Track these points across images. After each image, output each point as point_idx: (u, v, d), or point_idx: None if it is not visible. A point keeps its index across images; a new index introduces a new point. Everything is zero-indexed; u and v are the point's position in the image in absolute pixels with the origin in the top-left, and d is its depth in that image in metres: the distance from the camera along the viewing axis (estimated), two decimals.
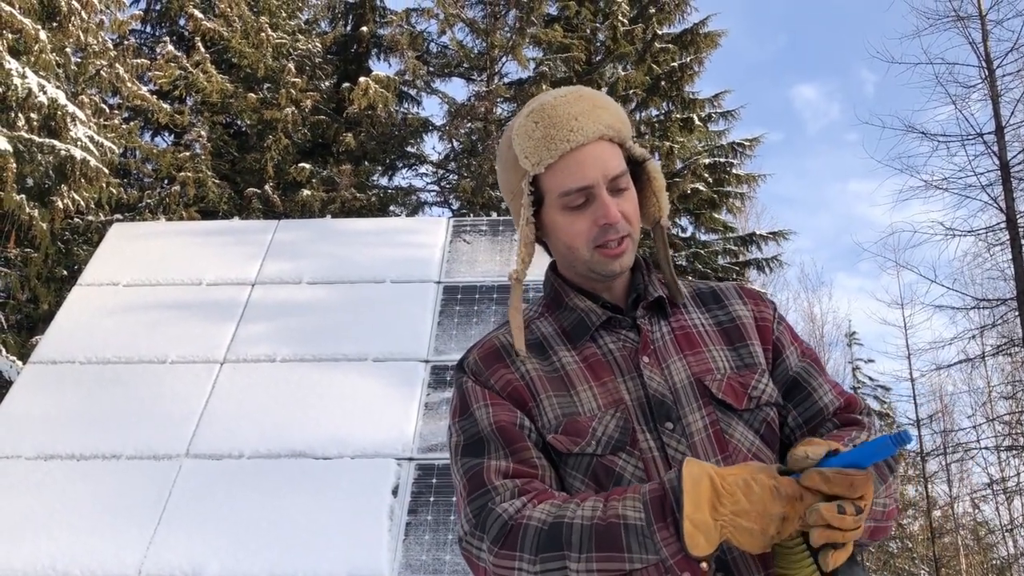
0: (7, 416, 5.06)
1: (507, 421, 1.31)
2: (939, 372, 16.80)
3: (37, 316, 10.41)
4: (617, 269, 1.38)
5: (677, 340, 1.39)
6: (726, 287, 1.51)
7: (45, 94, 8.82)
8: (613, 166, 1.36)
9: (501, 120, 14.02)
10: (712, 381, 1.35)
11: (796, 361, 1.43)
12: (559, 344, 1.40)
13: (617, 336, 1.39)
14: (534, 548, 1.16)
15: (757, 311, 1.47)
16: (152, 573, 4.18)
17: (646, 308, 1.42)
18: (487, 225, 6.83)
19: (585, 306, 1.41)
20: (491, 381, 1.37)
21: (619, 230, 1.35)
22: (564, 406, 1.33)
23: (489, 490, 1.25)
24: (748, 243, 14.65)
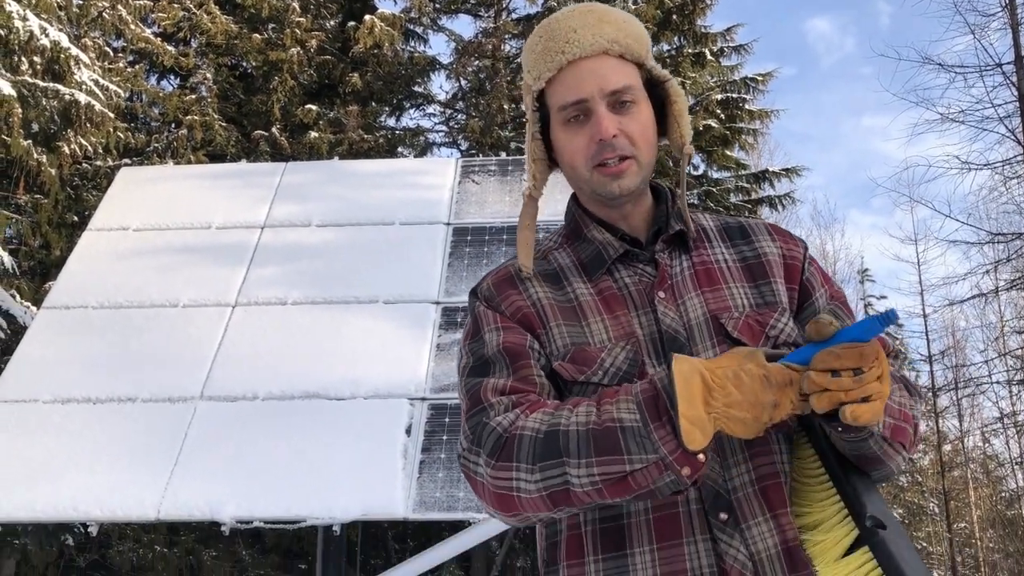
0: (23, 361, 5.10)
1: (515, 343, 1.31)
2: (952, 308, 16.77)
3: (49, 262, 10.46)
4: (616, 191, 1.33)
5: (697, 276, 1.36)
6: (756, 223, 1.46)
7: (47, 37, 8.72)
8: (613, 80, 1.31)
9: (509, 57, 13.81)
10: (728, 319, 1.32)
11: (824, 303, 1.39)
12: (575, 276, 1.38)
13: (634, 270, 1.36)
14: (531, 457, 1.16)
15: (786, 249, 1.42)
16: (171, 514, 4.25)
17: (666, 242, 1.38)
18: (496, 165, 6.77)
19: (603, 238, 1.38)
20: (502, 306, 1.36)
21: (616, 147, 1.31)
22: (573, 335, 1.32)
23: (485, 407, 1.25)
24: (761, 180, 14.52)
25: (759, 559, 1.21)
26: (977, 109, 12.37)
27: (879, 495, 1.18)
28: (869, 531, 1.10)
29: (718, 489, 1.23)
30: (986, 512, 23.19)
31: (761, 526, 1.22)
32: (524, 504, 1.18)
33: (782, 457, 1.27)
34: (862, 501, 1.14)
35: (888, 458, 1.21)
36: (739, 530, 1.22)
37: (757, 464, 1.25)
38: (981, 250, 14.75)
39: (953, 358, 21.35)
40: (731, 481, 1.23)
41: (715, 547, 1.21)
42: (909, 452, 1.26)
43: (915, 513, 22.76)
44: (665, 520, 1.22)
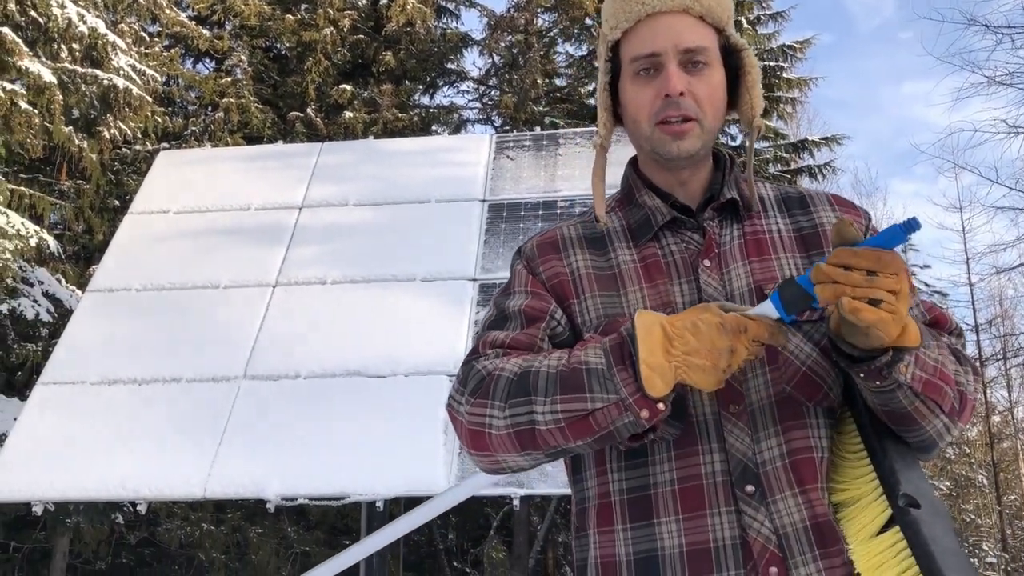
0: (70, 344, 5.20)
1: (537, 308, 1.33)
2: (999, 276, 16.43)
3: (93, 246, 10.64)
4: (675, 151, 1.30)
5: (746, 245, 1.33)
6: (817, 193, 1.42)
7: (85, 23, 8.81)
8: (688, 38, 1.29)
9: (542, 31, 13.70)
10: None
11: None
12: (621, 241, 1.37)
13: (681, 237, 1.34)
14: (504, 395, 1.20)
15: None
16: (217, 491, 4.32)
17: (717, 210, 1.35)
18: (530, 140, 6.73)
19: (653, 204, 1.36)
20: (539, 268, 1.37)
21: (681, 106, 1.28)
22: (608, 306, 1.31)
23: (479, 355, 1.29)
24: (800, 150, 14.30)
25: (784, 533, 1.19)
26: None
27: (919, 472, 1.15)
28: (901, 510, 1.08)
29: (746, 462, 1.22)
30: None
31: (788, 500, 1.20)
32: (493, 442, 1.21)
33: (819, 432, 1.24)
34: (897, 478, 1.11)
35: (922, 417, 1.17)
36: (765, 504, 1.20)
37: (789, 438, 1.22)
38: None
39: (1001, 327, 20.93)
40: (760, 455, 1.22)
41: (739, 519, 1.20)
42: (953, 419, 1.21)
43: (963, 485, 22.47)
44: (690, 491, 1.22)
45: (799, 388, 1.24)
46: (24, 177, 9.72)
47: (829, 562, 1.18)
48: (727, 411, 1.24)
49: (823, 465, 1.23)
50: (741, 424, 1.23)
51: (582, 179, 6.15)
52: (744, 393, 1.24)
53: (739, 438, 1.23)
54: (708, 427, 1.24)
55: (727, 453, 1.22)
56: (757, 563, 1.18)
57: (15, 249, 7.69)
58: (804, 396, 1.25)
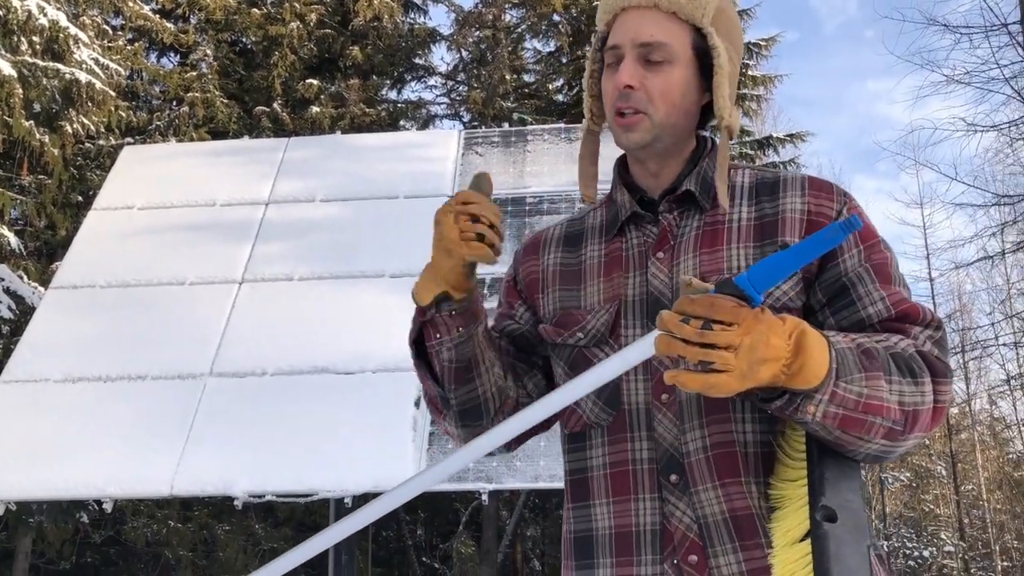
0: (33, 341, 5.14)
1: (500, 314, 1.50)
2: (958, 271, 16.74)
3: (56, 242, 10.49)
4: (625, 142, 1.33)
5: (702, 236, 1.33)
6: (793, 178, 1.37)
7: (45, 16, 8.67)
8: (646, 32, 1.30)
9: (510, 27, 13.70)
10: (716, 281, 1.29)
11: (855, 265, 1.27)
12: (595, 237, 1.43)
13: (643, 231, 1.37)
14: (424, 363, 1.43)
15: (815, 204, 1.31)
16: (184, 489, 4.30)
17: (675, 202, 1.36)
18: (499, 136, 6.74)
19: (621, 199, 1.41)
20: (520, 269, 1.49)
21: (631, 99, 1.29)
22: (566, 300, 1.39)
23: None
24: (765, 146, 14.46)
25: (705, 523, 1.22)
26: (983, 70, 12.24)
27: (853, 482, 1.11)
28: (816, 522, 1.06)
29: (672, 452, 1.25)
30: (993, 474, 23.30)
31: (709, 492, 1.23)
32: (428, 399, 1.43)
33: (745, 427, 1.24)
34: (823, 488, 1.09)
35: (849, 444, 1.12)
36: (688, 493, 1.24)
37: (712, 432, 1.24)
38: (987, 212, 14.72)
39: (960, 321, 21.34)
40: (685, 445, 1.25)
41: (663, 507, 1.24)
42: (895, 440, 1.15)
43: (922, 476, 22.88)
44: (619, 476, 1.28)
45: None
46: None
47: (748, 554, 1.20)
48: (658, 400, 1.27)
49: (749, 460, 1.23)
50: (670, 415, 1.26)
51: (551, 175, 6.18)
52: (674, 385, 1.23)
53: (667, 428, 1.26)
54: (639, 415, 1.28)
55: (655, 442, 1.26)
56: (677, 549, 1.22)
57: None
58: None
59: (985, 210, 13.80)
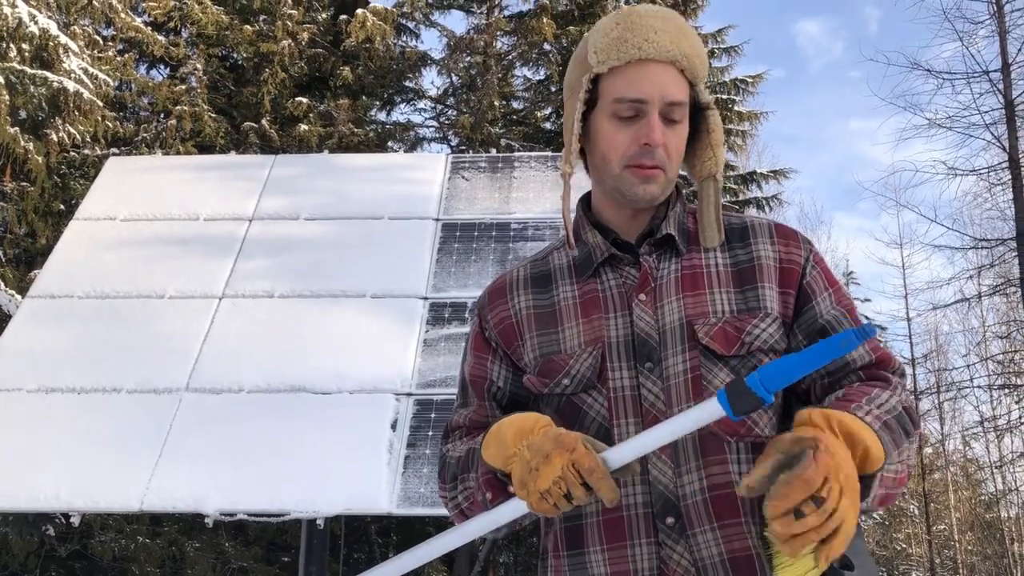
0: (7, 350, 5.08)
1: (477, 376, 1.44)
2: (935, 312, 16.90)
3: (35, 250, 10.40)
4: (641, 194, 1.34)
5: (682, 280, 1.35)
6: (760, 224, 1.43)
7: (36, 24, 8.66)
8: (673, 91, 1.31)
9: (501, 54, 13.80)
10: (703, 325, 1.31)
11: (828, 308, 1.35)
12: (565, 277, 1.42)
13: (620, 273, 1.38)
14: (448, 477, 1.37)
15: (785, 252, 1.38)
16: (154, 505, 4.25)
17: (654, 245, 1.38)
18: (486, 162, 6.77)
19: (594, 241, 1.40)
20: (489, 316, 1.44)
21: (656, 157, 1.32)
22: (545, 345, 1.37)
23: (449, 437, 1.45)
24: (748, 181, 14.58)
25: (702, 566, 1.23)
26: (964, 115, 12.46)
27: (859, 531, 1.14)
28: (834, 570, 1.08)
29: (667, 495, 1.26)
30: (965, 515, 23.37)
31: (707, 534, 1.24)
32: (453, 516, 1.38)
33: (740, 468, 1.26)
34: None
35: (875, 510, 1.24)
36: (684, 536, 1.24)
37: (710, 473, 1.26)
38: (965, 255, 14.87)
39: (936, 362, 21.51)
40: (682, 488, 1.26)
41: (659, 551, 1.24)
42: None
43: (895, 515, 22.92)
44: (614, 522, 1.27)
45: (721, 424, 1.25)
46: None
47: None
48: None
49: (748, 500, 1.25)
50: (664, 457, 1.27)
51: (536, 202, 6.21)
52: None
53: (662, 471, 1.26)
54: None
55: (650, 485, 1.26)
56: None
57: None
58: (726, 431, 1.27)
59: (963, 253, 13.99)
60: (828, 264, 1.44)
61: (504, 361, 1.42)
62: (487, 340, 1.44)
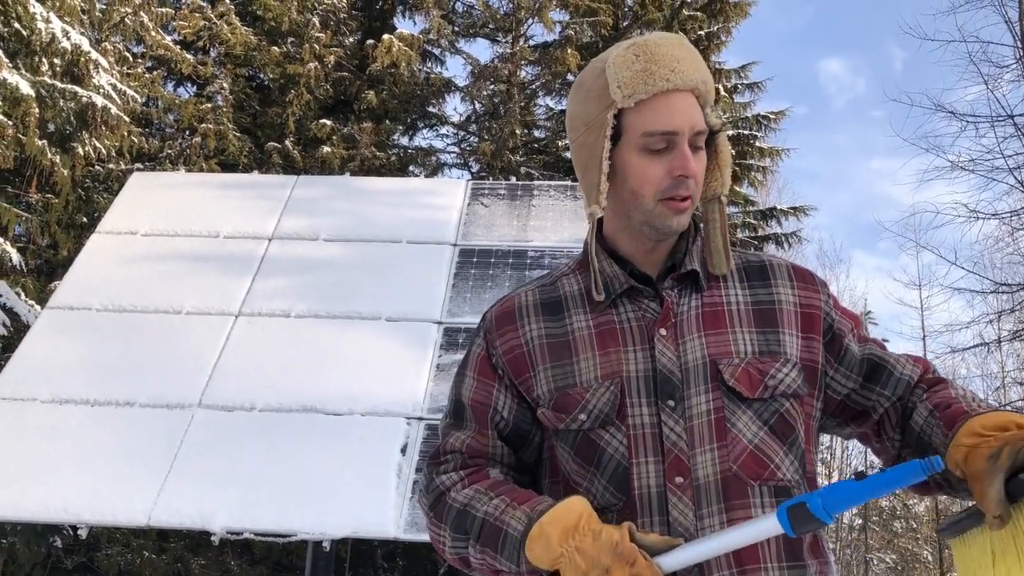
0: (24, 360, 5.11)
1: (479, 402, 1.39)
2: (954, 355, 16.70)
3: (56, 261, 10.49)
4: (674, 226, 1.32)
5: (703, 316, 1.34)
6: (778, 264, 1.42)
7: (69, 40, 8.80)
8: (699, 120, 1.32)
9: (524, 83, 13.89)
10: (727, 365, 1.29)
11: (859, 345, 1.40)
12: (578, 306, 1.38)
13: (639, 305, 1.35)
14: (451, 526, 1.31)
15: (804, 297, 1.38)
16: (162, 521, 4.24)
17: (677, 279, 1.36)
18: (505, 189, 6.80)
19: (611, 271, 1.36)
20: (497, 343, 1.40)
21: (689, 188, 1.31)
22: (559, 378, 1.33)
23: (441, 460, 1.39)
24: (768, 217, 14.55)
25: None
26: (987, 159, 12.39)
27: None
28: None
29: (687, 537, 1.22)
30: None
31: None
32: (446, 555, 1.34)
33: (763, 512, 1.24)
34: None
35: None
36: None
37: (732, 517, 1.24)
38: (985, 299, 14.75)
39: None
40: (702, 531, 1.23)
41: None
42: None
43: (908, 560, 22.58)
44: None
45: (744, 467, 1.25)
46: None
47: None
48: (672, 483, 1.25)
49: (769, 545, 1.23)
50: (686, 499, 1.24)
51: (554, 231, 6.22)
52: (691, 468, 1.25)
53: (683, 512, 1.24)
54: (651, 500, 1.25)
55: (669, 526, 1.23)
56: None
57: None
58: (749, 475, 1.25)
59: (983, 297, 13.84)
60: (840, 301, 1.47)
61: (511, 391, 1.37)
62: (494, 367, 1.39)
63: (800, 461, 1.32)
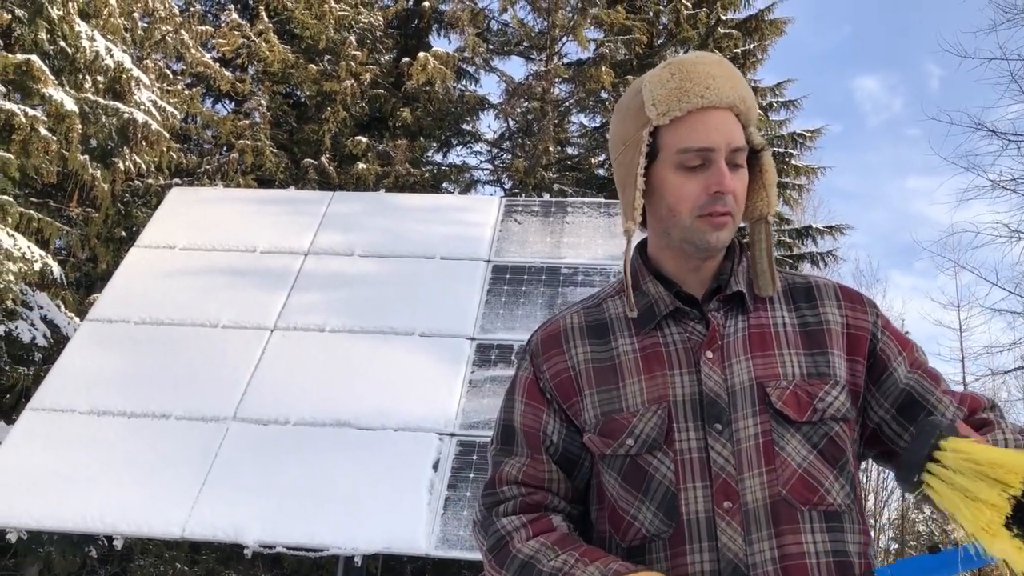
0: (64, 371, 5.19)
1: (530, 428, 1.37)
2: (994, 377, 16.40)
3: (96, 275, 10.66)
4: (714, 241, 1.30)
5: (750, 338, 1.32)
6: (825, 285, 1.40)
7: (112, 57, 8.98)
8: (737, 137, 1.30)
9: (558, 100, 13.93)
10: (775, 388, 1.28)
11: (906, 372, 1.35)
12: (623, 329, 1.36)
13: (684, 327, 1.33)
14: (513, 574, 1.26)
15: (852, 318, 1.36)
16: (195, 533, 4.27)
17: (723, 301, 1.35)
18: (539, 206, 6.80)
19: (656, 292, 1.35)
20: (544, 367, 1.38)
21: (727, 204, 1.29)
22: (606, 403, 1.32)
23: (497, 493, 1.35)
24: (804, 236, 14.42)
25: None
26: None
27: None
28: None
29: (737, 563, 1.21)
30: None
31: None
32: None
33: (814, 537, 1.23)
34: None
35: None
36: None
37: (783, 543, 1.22)
38: None
39: None
40: (752, 556, 1.21)
41: None
42: None
43: None
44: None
45: (794, 491, 1.24)
46: (34, 201, 9.80)
47: None
48: (720, 508, 1.23)
49: (821, 571, 1.22)
50: (735, 524, 1.22)
51: (587, 248, 6.21)
52: (739, 492, 1.23)
53: (732, 538, 1.22)
54: (700, 525, 1.23)
55: (718, 552, 1.22)
56: None
57: (18, 272, 7.72)
58: (798, 499, 1.24)
59: None
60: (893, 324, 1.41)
61: (559, 415, 1.36)
62: (542, 391, 1.37)
63: (851, 485, 1.29)
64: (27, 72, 7.98)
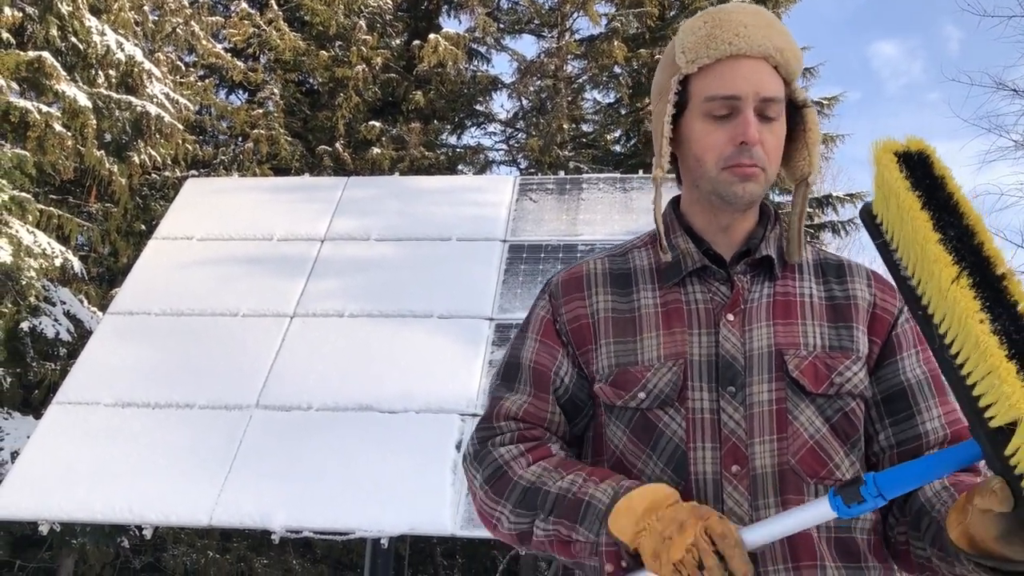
0: (88, 364, 5.24)
1: (542, 366, 1.34)
2: None
3: (116, 269, 10.75)
4: (740, 193, 1.26)
5: (774, 305, 1.29)
6: (858, 266, 1.38)
7: (123, 51, 9.00)
8: (768, 87, 1.26)
9: (571, 77, 13.84)
10: (793, 357, 1.25)
11: (913, 365, 1.31)
12: (646, 281, 1.34)
13: (708, 287, 1.31)
14: (516, 503, 1.25)
15: (880, 298, 1.33)
16: (223, 520, 4.30)
17: (750, 265, 1.32)
18: (554, 184, 6.77)
19: (685, 247, 1.32)
20: (563, 309, 1.36)
21: (754, 156, 1.25)
22: (621, 354, 1.29)
23: (494, 427, 1.33)
24: (824, 205, 14.28)
25: None
26: None
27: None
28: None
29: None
30: None
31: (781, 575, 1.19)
32: (500, 532, 1.29)
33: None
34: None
35: None
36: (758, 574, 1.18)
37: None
38: None
39: None
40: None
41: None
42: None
43: None
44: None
45: (803, 462, 1.22)
46: (54, 198, 9.88)
47: None
48: (728, 471, 1.22)
49: (825, 544, 1.21)
50: (741, 488, 1.21)
51: (603, 224, 6.17)
52: (748, 457, 1.22)
53: (738, 502, 1.21)
54: (707, 487, 1.22)
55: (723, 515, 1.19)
56: None
57: (40, 268, 7.79)
58: (807, 471, 1.22)
59: None
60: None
61: (572, 360, 1.33)
62: (558, 332, 1.35)
63: (861, 463, 1.28)
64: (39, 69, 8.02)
